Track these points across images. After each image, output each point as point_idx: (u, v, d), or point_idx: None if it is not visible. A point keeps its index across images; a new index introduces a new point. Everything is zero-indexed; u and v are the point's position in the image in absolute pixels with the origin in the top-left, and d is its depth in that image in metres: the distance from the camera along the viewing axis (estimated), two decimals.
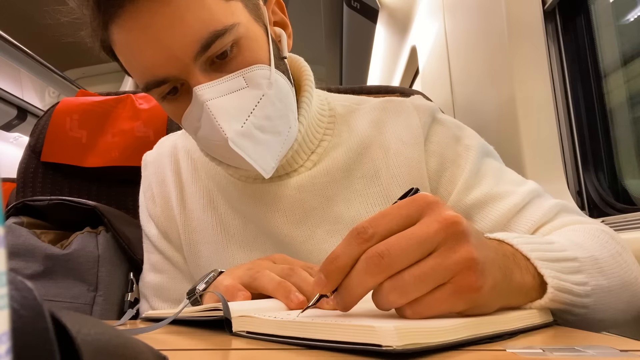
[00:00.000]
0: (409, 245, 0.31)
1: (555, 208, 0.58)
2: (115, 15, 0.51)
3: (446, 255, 0.31)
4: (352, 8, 2.56)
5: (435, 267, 0.31)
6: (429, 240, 0.31)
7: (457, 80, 1.37)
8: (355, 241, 0.32)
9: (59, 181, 1.01)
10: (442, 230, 0.32)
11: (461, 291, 0.32)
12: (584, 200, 0.96)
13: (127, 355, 0.17)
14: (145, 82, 0.54)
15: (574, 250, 0.43)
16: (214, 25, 0.52)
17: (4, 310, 0.12)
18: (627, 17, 0.99)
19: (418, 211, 0.33)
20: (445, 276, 0.31)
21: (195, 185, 0.70)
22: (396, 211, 0.33)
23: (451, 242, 0.32)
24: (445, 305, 0.32)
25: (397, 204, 0.34)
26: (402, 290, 0.31)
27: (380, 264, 0.31)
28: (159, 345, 0.21)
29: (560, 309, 0.40)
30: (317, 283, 0.33)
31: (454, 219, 0.32)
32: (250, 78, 0.55)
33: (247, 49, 0.55)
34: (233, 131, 0.52)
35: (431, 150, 0.66)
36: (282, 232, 0.64)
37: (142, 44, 0.51)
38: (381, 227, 0.32)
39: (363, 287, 0.32)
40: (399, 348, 0.25)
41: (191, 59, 0.52)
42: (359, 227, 0.33)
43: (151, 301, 0.70)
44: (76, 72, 3.48)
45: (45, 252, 0.70)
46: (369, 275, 0.31)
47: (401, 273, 0.31)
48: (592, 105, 0.98)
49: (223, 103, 0.53)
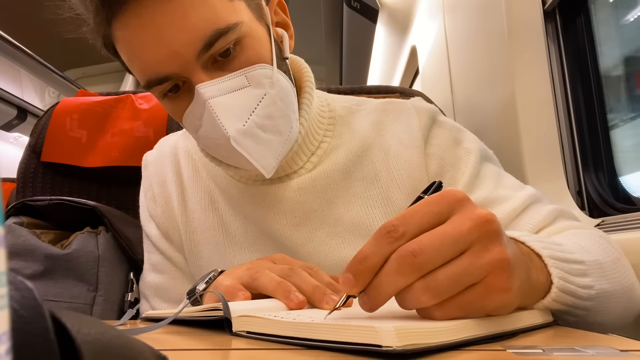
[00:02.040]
0: (442, 244, 0.30)
1: (553, 213, 0.58)
2: (118, 12, 0.51)
3: (480, 255, 0.31)
4: (352, 8, 2.56)
5: (468, 267, 0.30)
6: (462, 239, 0.30)
7: (457, 80, 1.37)
8: (385, 240, 0.31)
9: (59, 181, 1.01)
10: (476, 228, 0.31)
11: (493, 292, 0.31)
12: (584, 200, 0.96)
13: (127, 355, 0.17)
14: (146, 80, 0.54)
15: (581, 253, 0.43)
16: (218, 23, 0.52)
17: (4, 310, 0.12)
18: (627, 17, 0.99)
19: (449, 208, 0.32)
20: (478, 276, 0.31)
21: (196, 186, 0.70)
22: (426, 208, 0.32)
23: (485, 241, 0.31)
24: (475, 306, 0.31)
25: (425, 200, 0.33)
26: (436, 290, 0.30)
27: (413, 264, 0.30)
28: (159, 345, 0.21)
29: (562, 309, 0.40)
30: (346, 283, 0.32)
31: (487, 217, 0.31)
32: (253, 77, 0.55)
33: (249, 48, 0.55)
34: (235, 130, 0.52)
35: (431, 153, 0.66)
36: (282, 233, 0.64)
37: (145, 41, 0.51)
38: (412, 225, 0.31)
39: (393, 287, 0.31)
40: (399, 348, 0.25)
41: (194, 57, 0.52)
42: (389, 225, 0.31)
43: (152, 301, 0.70)
44: (76, 72, 3.48)
45: (45, 252, 0.70)
46: (400, 274, 0.30)
47: (434, 273, 0.30)
48: (592, 105, 0.98)
49: (225, 101, 0.53)
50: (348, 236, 0.63)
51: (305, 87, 0.65)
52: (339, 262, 0.62)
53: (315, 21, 3.06)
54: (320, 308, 0.42)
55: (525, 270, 0.35)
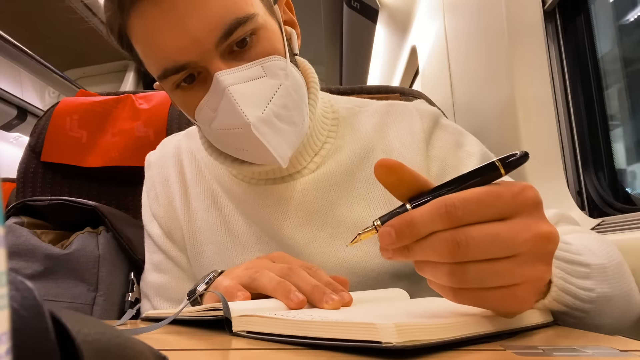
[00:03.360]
0: (490, 246, 0.30)
1: (555, 217, 0.59)
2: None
3: (523, 266, 0.30)
4: (352, 8, 2.56)
5: (504, 272, 0.30)
6: (512, 247, 0.30)
7: (457, 80, 1.37)
8: (440, 218, 0.30)
9: (59, 181, 1.01)
10: (532, 242, 0.30)
11: (516, 300, 0.32)
12: (584, 200, 0.96)
13: (127, 355, 0.17)
14: (163, 69, 0.54)
15: (587, 255, 0.43)
16: (237, 12, 0.52)
17: (4, 310, 0.12)
18: (627, 17, 0.99)
19: (516, 208, 0.31)
20: (509, 282, 0.31)
21: (199, 186, 0.70)
22: (494, 201, 0.31)
23: (534, 257, 0.31)
24: (492, 305, 0.32)
25: (496, 191, 0.31)
26: (460, 279, 0.30)
27: (453, 252, 0.29)
28: (159, 345, 0.21)
29: (561, 310, 0.40)
30: (384, 236, 0.31)
31: (549, 237, 0.31)
32: (268, 67, 0.55)
33: (265, 39, 0.55)
34: (255, 116, 0.52)
35: (433, 155, 0.66)
36: (285, 234, 0.64)
37: (164, 29, 0.51)
38: (472, 214, 0.30)
39: (424, 259, 0.31)
40: (399, 345, 0.25)
41: (213, 45, 0.52)
42: (450, 204, 0.30)
43: (153, 301, 0.70)
44: (76, 72, 3.47)
45: (46, 252, 0.70)
46: (436, 255, 0.30)
47: (466, 264, 0.30)
48: (592, 105, 0.98)
49: (244, 89, 0.53)
50: (350, 237, 0.63)
51: (310, 88, 0.65)
52: (341, 263, 0.62)
53: (315, 21, 3.06)
54: (320, 307, 0.42)
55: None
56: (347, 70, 3.32)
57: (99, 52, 0.64)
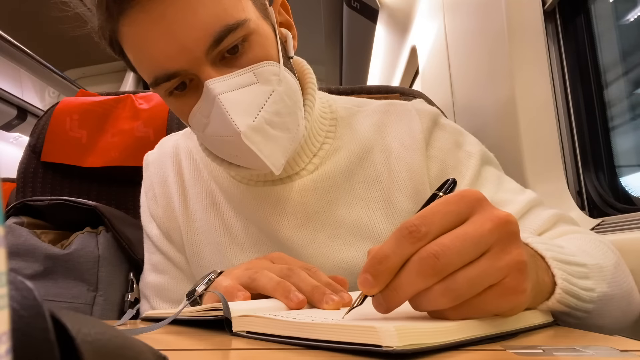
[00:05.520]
0: (464, 246, 0.30)
1: (554, 218, 0.59)
2: (127, 7, 0.51)
3: (499, 257, 0.30)
4: (352, 8, 2.56)
5: (488, 269, 0.30)
6: (483, 241, 0.30)
7: (457, 80, 1.37)
8: (407, 240, 0.30)
9: (59, 181, 1.01)
10: (496, 229, 0.30)
11: (509, 293, 0.31)
12: (584, 200, 0.95)
13: (127, 355, 0.17)
14: (154, 76, 0.54)
15: (582, 256, 0.44)
16: (227, 19, 0.52)
17: (4, 310, 0.12)
18: (627, 17, 0.99)
19: (468, 208, 0.32)
20: (497, 278, 0.30)
21: (198, 186, 0.70)
22: (446, 208, 0.31)
23: (504, 243, 0.31)
24: (490, 307, 0.31)
25: (445, 199, 0.32)
26: (455, 293, 0.29)
27: (435, 266, 0.29)
28: (159, 345, 0.21)
29: (564, 311, 0.40)
30: (364, 284, 0.31)
31: (507, 218, 0.31)
32: (260, 74, 0.54)
33: (257, 45, 0.55)
34: (245, 125, 0.52)
35: (432, 156, 0.66)
36: (284, 235, 0.64)
37: (154, 37, 0.51)
38: (434, 226, 0.30)
39: (413, 289, 0.30)
40: (399, 348, 0.25)
41: (203, 53, 0.52)
42: (410, 224, 0.30)
43: (152, 301, 0.70)
44: (76, 72, 3.48)
45: (46, 252, 0.70)
46: (421, 277, 0.29)
47: (455, 275, 0.30)
48: (592, 105, 0.98)
49: (235, 97, 0.52)
50: (349, 238, 0.63)
51: (307, 89, 0.65)
52: (340, 264, 0.62)
53: (315, 21, 3.06)
54: (319, 308, 0.42)
55: (534, 271, 0.35)
56: (347, 70, 3.32)
57: (99, 52, 0.64)
